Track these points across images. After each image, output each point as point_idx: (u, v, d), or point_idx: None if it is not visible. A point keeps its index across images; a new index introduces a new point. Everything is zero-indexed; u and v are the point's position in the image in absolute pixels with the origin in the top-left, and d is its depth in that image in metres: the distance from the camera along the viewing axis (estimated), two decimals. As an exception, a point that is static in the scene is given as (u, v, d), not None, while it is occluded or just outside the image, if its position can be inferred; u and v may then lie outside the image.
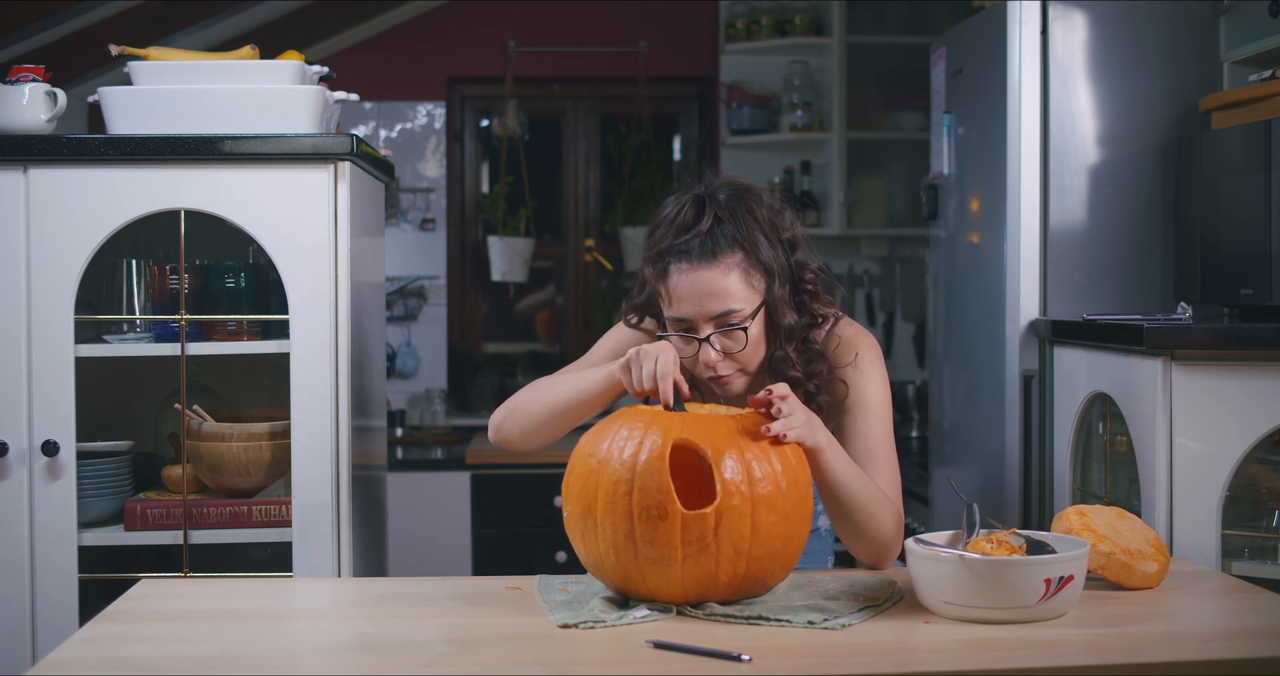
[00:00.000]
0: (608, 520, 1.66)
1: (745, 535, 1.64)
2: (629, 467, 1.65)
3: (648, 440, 1.67)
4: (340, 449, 2.35)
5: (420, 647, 1.56)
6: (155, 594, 1.85)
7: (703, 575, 1.65)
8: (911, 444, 4.56)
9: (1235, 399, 2.19)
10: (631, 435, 1.69)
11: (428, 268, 4.98)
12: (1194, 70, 2.79)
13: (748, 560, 1.66)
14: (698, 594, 1.67)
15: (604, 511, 1.66)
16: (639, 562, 1.65)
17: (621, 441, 1.69)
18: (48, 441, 2.30)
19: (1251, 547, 2.28)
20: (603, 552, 1.68)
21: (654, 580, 1.66)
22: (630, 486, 1.64)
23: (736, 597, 1.70)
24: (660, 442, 1.66)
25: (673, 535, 1.63)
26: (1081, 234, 2.79)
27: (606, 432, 1.72)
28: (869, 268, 5.01)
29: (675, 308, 1.92)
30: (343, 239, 2.35)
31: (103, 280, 2.47)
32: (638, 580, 1.67)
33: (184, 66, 2.41)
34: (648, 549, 1.63)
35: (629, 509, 1.64)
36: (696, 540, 1.63)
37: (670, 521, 1.62)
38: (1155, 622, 1.68)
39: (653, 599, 1.68)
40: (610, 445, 1.69)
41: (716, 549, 1.63)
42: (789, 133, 4.78)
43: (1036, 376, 2.78)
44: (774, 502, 1.66)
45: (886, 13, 4.81)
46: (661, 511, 1.62)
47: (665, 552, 1.63)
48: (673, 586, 1.66)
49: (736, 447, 1.68)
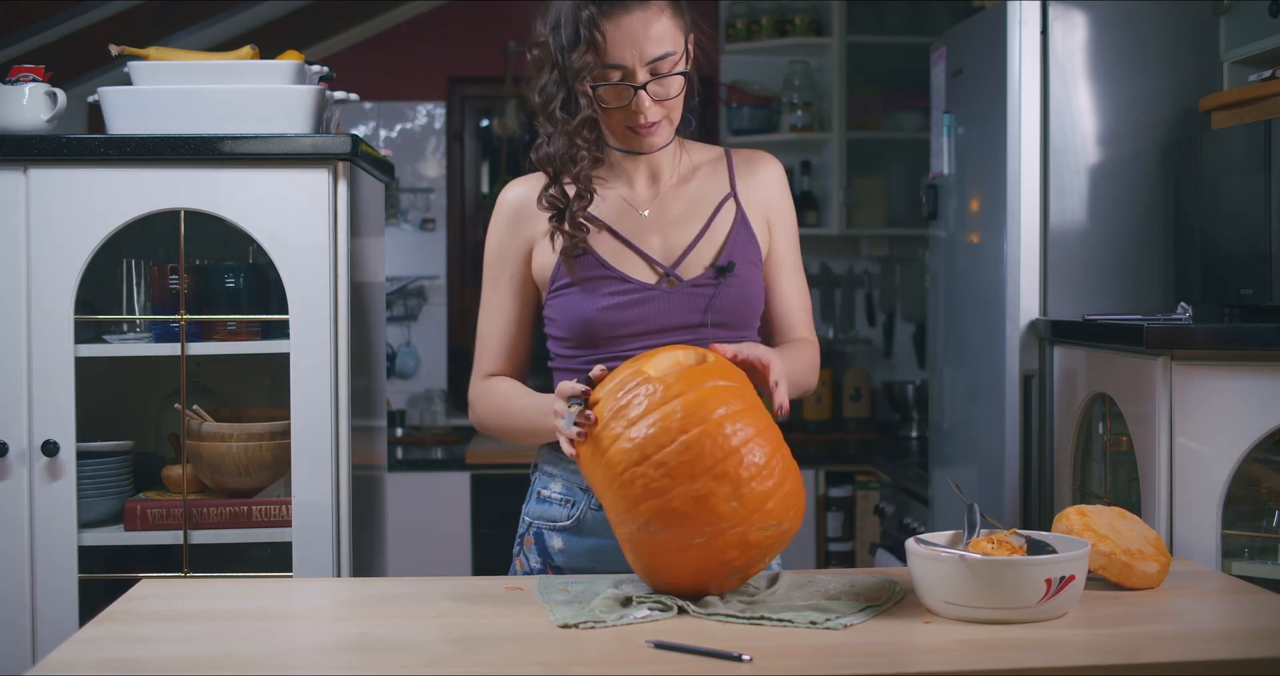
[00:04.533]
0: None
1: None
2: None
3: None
4: (340, 449, 2.35)
5: (420, 647, 1.56)
6: (155, 594, 1.85)
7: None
8: (911, 444, 4.56)
9: (1235, 399, 2.19)
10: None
11: (428, 268, 4.98)
12: (1194, 70, 2.79)
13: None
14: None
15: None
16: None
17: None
18: (48, 441, 2.30)
19: (1251, 547, 2.28)
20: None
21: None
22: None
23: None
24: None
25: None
26: (1081, 234, 2.79)
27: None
28: (869, 268, 5.01)
29: (611, 54, 1.88)
30: (343, 239, 2.35)
31: (103, 280, 2.47)
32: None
33: (184, 66, 2.41)
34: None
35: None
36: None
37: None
38: (1156, 623, 1.68)
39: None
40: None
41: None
42: (789, 133, 4.78)
43: (1036, 376, 2.78)
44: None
45: (886, 13, 4.81)
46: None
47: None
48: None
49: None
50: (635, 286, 1.95)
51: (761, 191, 2.07)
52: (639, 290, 1.94)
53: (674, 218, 2.01)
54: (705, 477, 1.63)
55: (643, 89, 1.90)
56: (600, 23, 1.87)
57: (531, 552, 2.02)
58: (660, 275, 1.97)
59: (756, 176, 2.08)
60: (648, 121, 1.92)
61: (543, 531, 2.01)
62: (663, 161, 2.03)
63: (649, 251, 1.98)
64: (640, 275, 1.96)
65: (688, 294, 1.95)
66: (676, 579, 1.70)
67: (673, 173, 2.04)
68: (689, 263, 1.98)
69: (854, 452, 4.49)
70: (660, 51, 1.89)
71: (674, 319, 1.94)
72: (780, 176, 2.11)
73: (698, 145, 2.10)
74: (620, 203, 2.01)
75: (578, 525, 1.98)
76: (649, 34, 1.89)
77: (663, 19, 1.90)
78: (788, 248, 2.08)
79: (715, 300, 1.95)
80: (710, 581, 1.70)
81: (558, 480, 2.01)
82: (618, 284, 1.94)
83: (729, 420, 1.65)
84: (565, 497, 1.99)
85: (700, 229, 2.00)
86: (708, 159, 2.09)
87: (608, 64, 1.89)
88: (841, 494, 4.37)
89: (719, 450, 1.64)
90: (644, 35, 1.88)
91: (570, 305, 1.95)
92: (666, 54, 1.90)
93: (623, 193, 2.02)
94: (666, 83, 1.92)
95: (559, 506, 2.00)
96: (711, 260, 1.98)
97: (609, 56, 1.88)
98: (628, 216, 2.00)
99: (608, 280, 1.94)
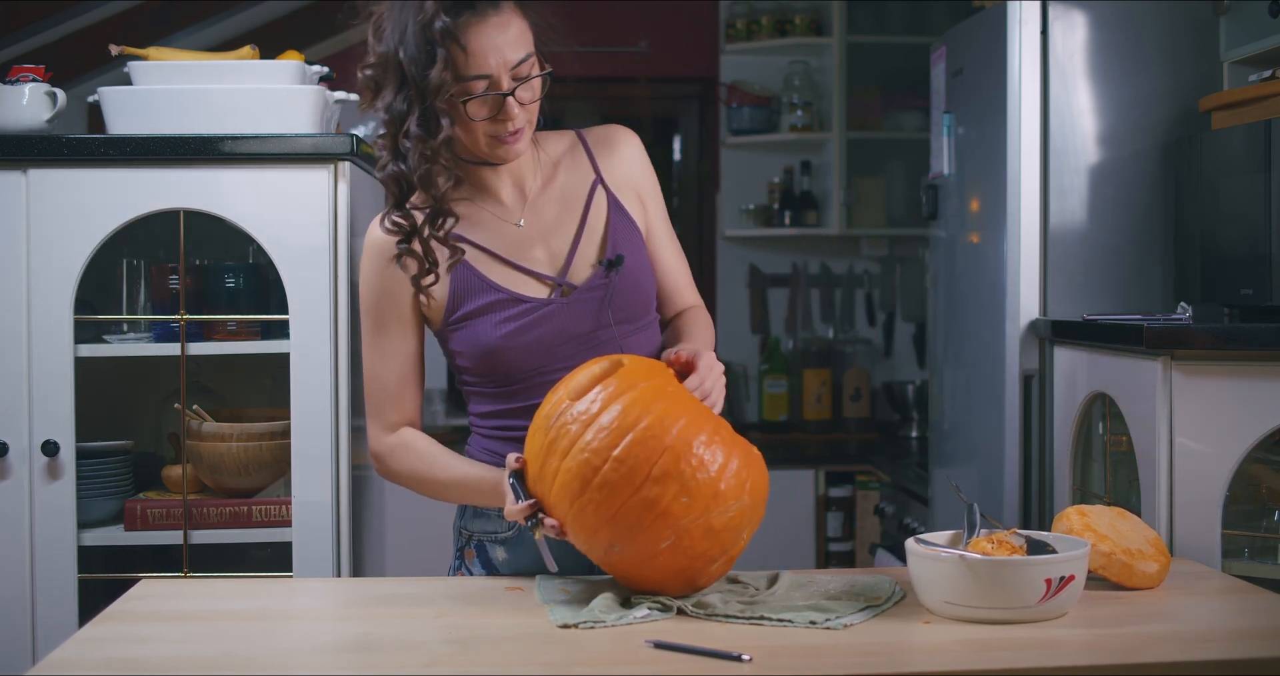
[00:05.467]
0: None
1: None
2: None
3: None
4: (340, 449, 2.35)
5: (420, 647, 1.56)
6: (155, 594, 1.85)
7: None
8: (911, 444, 4.56)
9: (1235, 399, 2.19)
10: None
11: (428, 268, 4.98)
12: (1194, 70, 2.79)
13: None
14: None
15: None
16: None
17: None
18: (48, 441, 2.30)
19: (1251, 547, 2.28)
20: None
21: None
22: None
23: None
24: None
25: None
26: (1081, 234, 2.79)
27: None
28: (869, 268, 5.01)
29: (474, 65, 1.78)
30: (343, 239, 2.35)
31: (103, 280, 2.47)
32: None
33: (184, 66, 2.41)
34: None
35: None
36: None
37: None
38: (1156, 622, 1.68)
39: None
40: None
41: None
42: (789, 133, 4.78)
43: (1036, 376, 2.78)
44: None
45: (886, 13, 4.81)
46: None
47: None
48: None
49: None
50: (531, 305, 1.89)
51: (624, 167, 2.01)
52: (536, 308, 1.89)
53: (550, 222, 1.95)
54: (647, 484, 1.63)
55: (510, 96, 1.82)
56: (458, 34, 1.78)
57: (474, 564, 1.99)
58: (552, 287, 1.92)
59: (616, 154, 2.01)
60: (515, 128, 1.85)
61: (484, 544, 1.99)
62: (524, 167, 1.97)
63: (534, 266, 1.92)
64: (532, 291, 1.91)
65: (584, 300, 1.91)
66: (661, 584, 1.71)
67: (535, 175, 1.97)
68: (576, 266, 1.93)
69: (854, 452, 4.49)
70: (521, 54, 1.82)
71: (576, 327, 1.90)
72: (638, 148, 2.04)
73: (548, 135, 2.03)
74: (492, 220, 1.94)
75: (519, 535, 1.96)
76: (508, 39, 1.81)
77: (516, 20, 1.83)
78: (660, 218, 2.04)
79: (611, 299, 1.91)
80: (696, 576, 1.70)
81: None
82: (512, 306, 1.89)
83: (656, 422, 1.65)
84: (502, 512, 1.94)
85: (578, 227, 1.95)
86: (563, 148, 2.02)
87: (471, 75, 1.80)
88: (841, 494, 4.37)
89: (653, 454, 1.63)
90: (503, 41, 1.81)
91: (472, 336, 1.90)
92: (527, 55, 1.83)
93: (491, 210, 1.95)
94: (532, 85, 1.85)
95: (498, 520, 1.97)
96: (597, 257, 1.94)
97: (471, 68, 1.80)
98: (503, 233, 1.93)
99: (503, 304, 1.89)
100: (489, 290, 1.90)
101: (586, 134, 2.04)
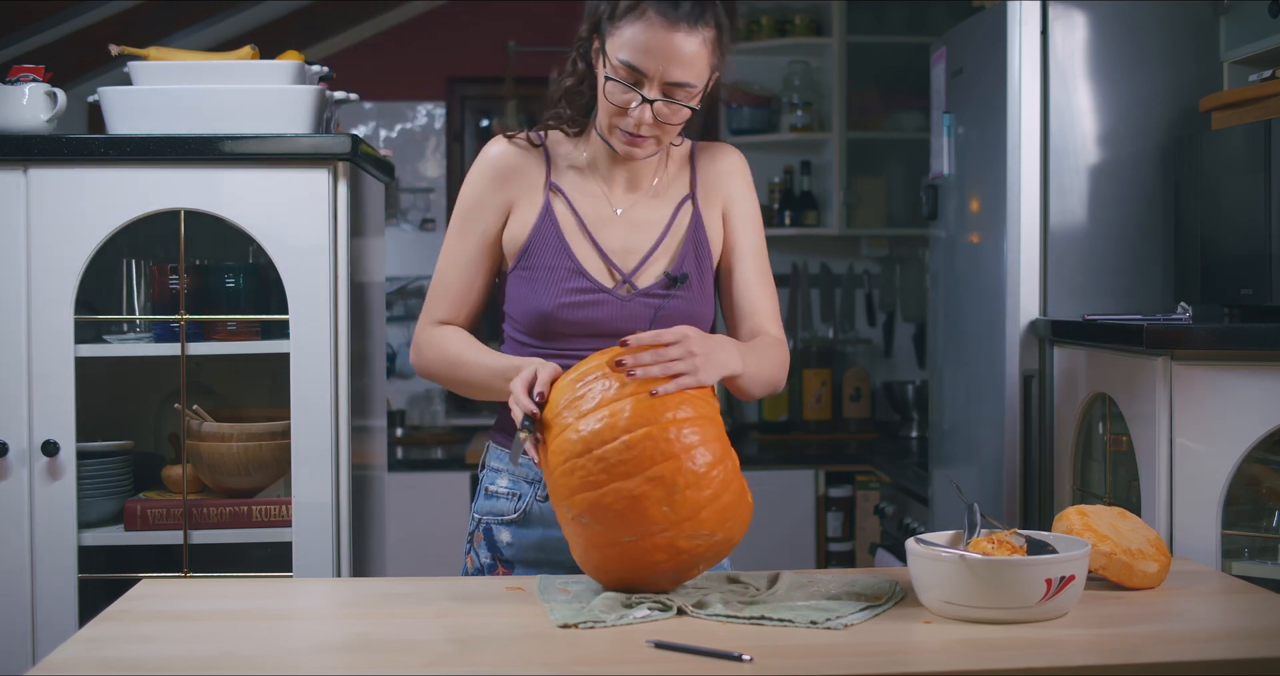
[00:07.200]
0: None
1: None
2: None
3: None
4: (340, 449, 2.35)
5: (420, 647, 1.56)
6: (155, 594, 1.85)
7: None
8: (911, 444, 4.56)
9: (1235, 399, 2.19)
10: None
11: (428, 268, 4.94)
12: (1194, 70, 2.79)
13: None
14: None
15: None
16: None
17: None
18: (48, 441, 2.30)
19: (1251, 547, 2.28)
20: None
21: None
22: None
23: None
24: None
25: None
26: (1081, 234, 2.79)
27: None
28: (869, 268, 5.01)
29: (635, 55, 1.84)
30: (342, 239, 2.36)
31: (103, 280, 2.47)
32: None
33: (184, 66, 2.41)
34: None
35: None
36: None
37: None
38: (1156, 622, 1.68)
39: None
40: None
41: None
42: (789, 133, 4.78)
43: (1036, 376, 2.78)
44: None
45: (886, 13, 4.81)
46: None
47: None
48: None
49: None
50: (593, 286, 1.96)
51: (720, 183, 2.05)
52: (595, 291, 1.96)
53: (640, 221, 2.01)
54: (640, 478, 1.64)
55: (650, 104, 1.87)
56: (646, 18, 1.84)
57: (481, 548, 2.03)
58: (617, 280, 1.97)
59: (716, 168, 2.06)
60: (636, 131, 1.90)
61: (491, 526, 2.03)
62: (643, 170, 2.02)
63: (611, 254, 1.98)
64: (599, 275, 1.97)
65: (640, 303, 1.96)
66: (604, 572, 1.73)
67: (654, 177, 2.03)
68: (645, 271, 1.98)
69: (854, 452, 4.49)
70: (683, 79, 1.86)
71: (624, 325, 1.94)
72: (740, 167, 2.08)
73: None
74: (599, 197, 2.01)
75: (524, 517, 2.00)
76: (680, 56, 1.84)
77: (704, 50, 1.86)
78: (749, 241, 2.05)
79: (661, 311, 1.95)
80: (637, 580, 1.71)
81: (504, 475, 2.03)
82: (578, 279, 1.95)
83: (676, 424, 1.67)
84: (511, 491, 2.02)
85: (660, 235, 2.00)
86: (678, 156, 2.07)
87: (624, 59, 1.86)
88: (841, 494, 4.37)
89: (659, 453, 1.65)
90: (675, 55, 1.84)
91: (530, 293, 1.96)
92: (688, 84, 1.87)
93: (603, 189, 2.01)
94: (676, 109, 1.89)
95: (505, 500, 2.02)
96: (666, 268, 1.98)
97: (633, 55, 1.85)
98: (600, 213, 2.00)
99: (569, 273, 1.95)
100: (562, 253, 1.96)
101: (699, 146, 2.09)
